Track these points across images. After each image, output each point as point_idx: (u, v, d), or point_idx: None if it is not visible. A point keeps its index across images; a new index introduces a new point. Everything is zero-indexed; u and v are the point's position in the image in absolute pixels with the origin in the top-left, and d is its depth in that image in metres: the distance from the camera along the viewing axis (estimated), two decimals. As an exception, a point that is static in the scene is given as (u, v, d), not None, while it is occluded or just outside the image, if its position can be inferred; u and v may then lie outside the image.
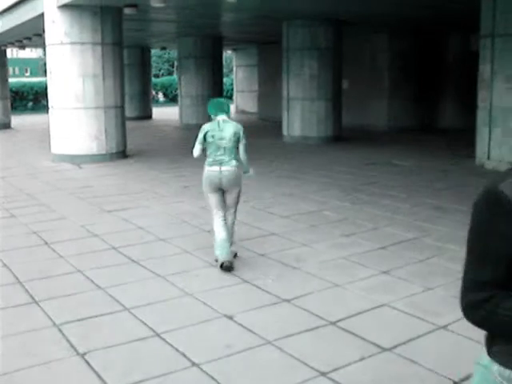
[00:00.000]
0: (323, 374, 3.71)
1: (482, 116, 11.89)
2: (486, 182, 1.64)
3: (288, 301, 4.91)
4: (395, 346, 4.04)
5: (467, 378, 3.64)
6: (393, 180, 10.47)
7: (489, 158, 11.63)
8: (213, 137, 5.70)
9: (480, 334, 4.30)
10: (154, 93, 34.73)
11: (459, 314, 4.75)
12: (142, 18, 15.64)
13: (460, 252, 6.12)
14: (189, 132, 20.51)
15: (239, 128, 5.81)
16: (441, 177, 10.80)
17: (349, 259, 6.02)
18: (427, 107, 20.00)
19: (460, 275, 5.63)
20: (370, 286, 5.25)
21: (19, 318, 4.67)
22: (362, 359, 3.89)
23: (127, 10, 13.11)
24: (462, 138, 15.12)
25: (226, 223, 5.81)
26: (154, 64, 37.74)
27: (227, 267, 5.59)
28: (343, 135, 16.85)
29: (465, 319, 1.67)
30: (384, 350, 4.01)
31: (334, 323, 4.45)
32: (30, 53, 67.29)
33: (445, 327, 4.34)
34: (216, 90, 22.02)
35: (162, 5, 12.02)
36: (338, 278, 5.46)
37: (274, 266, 5.85)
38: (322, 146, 15.64)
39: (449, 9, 13.88)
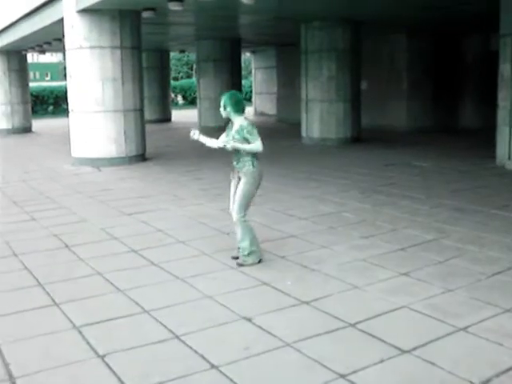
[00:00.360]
0: (342, 376, 3.70)
1: (502, 115, 11.79)
2: (506, 182, 1.64)
3: (307, 303, 4.90)
4: (415, 348, 4.02)
5: (488, 380, 3.61)
6: (412, 181, 10.42)
7: (509, 158, 11.52)
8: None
9: (500, 336, 4.28)
10: (173, 95, 34.87)
11: (480, 315, 4.74)
12: (160, 22, 15.70)
13: (480, 253, 6.12)
14: (208, 134, 20.54)
15: None
16: (460, 178, 10.72)
17: (368, 261, 6.00)
18: (447, 107, 19.87)
19: (480, 276, 5.61)
20: (389, 287, 5.23)
21: (40, 320, 4.71)
22: (381, 361, 3.87)
23: (145, 14, 13.18)
24: (482, 138, 15.01)
25: None
26: (172, 67, 37.88)
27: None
28: (362, 136, 16.80)
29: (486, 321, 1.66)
30: (403, 352, 3.99)
31: (353, 325, 4.44)
32: (50, 57, 67.91)
33: (465, 329, 4.31)
34: (235, 92, 22.04)
35: (179, 8, 12.07)
36: (357, 279, 5.44)
37: (294, 268, 5.84)
38: (341, 147, 15.60)
39: (467, 10, 13.81)
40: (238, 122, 5.75)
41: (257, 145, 5.67)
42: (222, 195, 9.55)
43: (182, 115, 29.35)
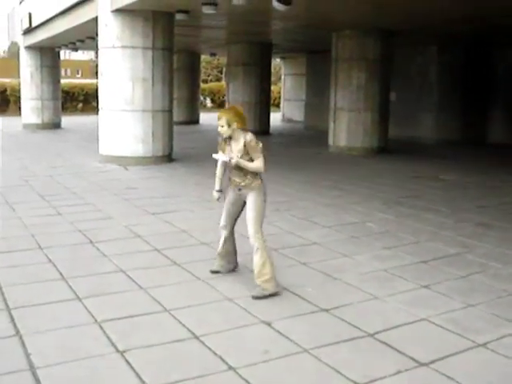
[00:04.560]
0: (359, 384, 3.71)
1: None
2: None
3: (327, 310, 4.91)
4: (432, 362, 4.01)
5: (505, 397, 3.60)
6: (437, 195, 10.36)
7: (537, 176, 11.42)
8: None
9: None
10: (201, 98, 35.04)
11: (500, 332, 4.71)
12: (193, 24, 15.82)
13: (503, 269, 6.08)
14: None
15: None
16: (487, 193, 10.64)
17: (389, 272, 5.99)
18: (476, 121, 19.72)
19: (502, 293, 5.55)
20: (409, 299, 5.22)
21: (62, 313, 4.77)
22: (398, 372, 3.87)
23: (179, 16, 13.29)
24: (511, 155, 14.88)
25: None
26: (202, 69, 38.07)
27: None
28: (389, 147, 16.74)
29: (506, 338, 1.67)
30: (421, 364, 3.98)
31: (371, 335, 4.44)
32: (81, 55, 68.60)
33: (484, 345, 4.29)
34: (263, 97, 22.11)
35: (213, 11, 12.15)
36: (378, 290, 5.43)
37: (315, 276, 5.85)
38: (368, 157, 15.57)
39: (499, 23, 13.72)
40: (242, 136, 5.32)
41: (259, 164, 5.25)
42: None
43: (209, 118, 29.46)
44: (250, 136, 5.29)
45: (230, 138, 5.39)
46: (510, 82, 19.08)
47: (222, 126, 5.32)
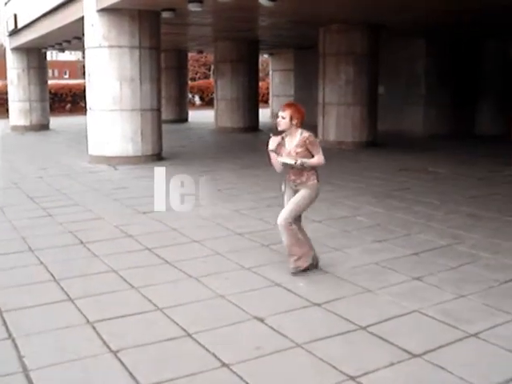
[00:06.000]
0: (352, 378, 3.72)
1: (519, 123, 11.75)
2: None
3: (319, 305, 4.92)
4: (425, 353, 4.03)
5: (497, 386, 3.62)
6: (427, 187, 10.39)
7: (526, 166, 11.48)
8: None
9: (511, 343, 4.28)
10: (190, 96, 34.99)
11: (491, 322, 4.74)
12: (179, 22, 15.78)
13: (494, 260, 6.11)
14: (224, 135, 20.68)
15: None
16: (477, 184, 10.69)
17: (381, 265, 6.01)
18: (464, 114, 19.78)
19: (493, 283, 5.60)
20: (401, 291, 5.24)
21: (54, 315, 4.76)
22: (391, 364, 3.89)
23: (165, 14, 13.26)
24: (500, 146, 14.94)
25: None
26: (190, 67, 38.02)
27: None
28: (379, 141, 16.78)
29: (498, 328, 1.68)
30: (414, 356, 4.00)
31: (364, 328, 4.45)
32: (68, 55, 68.31)
33: (476, 335, 4.31)
34: (252, 93, 22.10)
35: (199, 9, 12.13)
36: (370, 283, 5.45)
37: (306, 270, 5.86)
38: (357, 151, 15.59)
39: (488, 15, 13.76)
40: (299, 134, 5.47)
41: (320, 158, 5.48)
42: (237, 196, 9.62)
43: (198, 116, 29.44)
44: (307, 132, 5.46)
45: (284, 134, 5.52)
46: (498, 74, 19.16)
47: (284, 118, 5.44)
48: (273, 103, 30.58)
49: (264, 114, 26.98)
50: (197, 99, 39.68)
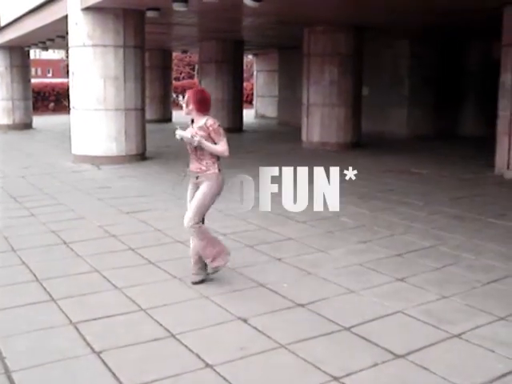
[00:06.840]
0: (336, 378, 3.72)
1: (502, 125, 11.83)
2: (504, 191, 1.66)
3: (302, 305, 4.93)
4: (408, 353, 4.05)
5: (480, 386, 3.64)
6: (410, 188, 10.44)
7: (508, 167, 11.56)
8: None
9: (494, 344, 4.30)
10: (174, 96, 34.90)
11: (474, 322, 4.76)
12: (164, 22, 15.73)
13: (476, 261, 6.15)
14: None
15: None
16: (459, 185, 10.75)
17: (364, 265, 6.03)
18: (448, 115, 19.86)
19: (476, 284, 5.60)
20: (384, 292, 5.25)
21: (37, 316, 4.72)
22: (374, 365, 3.90)
23: (150, 14, 13.22)
24: (482, 147, 15.03)
25: None
26: (174, 67, 37.90)
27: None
28: (362, 142, 16.83)
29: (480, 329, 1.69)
30: (397, 356, 4.01)
31: (348, 329, 4.46)
32: (52, 54, 67.89)
33: (459, 336, 4.33)
34: (236, 94, 22.09)
35: (184, 9, 12.09)
36: (353, 284, 5.46)
37: (290, 271, 5.87)
38: (341, 152, 15.61)
39: (471, 17, 13.84)
40: (203, 119, 5.38)
41: (223, 147, 5.33)
42: (221, 196, 9.58)
43: (182, 116, 29.31)
44: (211, 120, 5.33)
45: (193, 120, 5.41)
46: (481, 76, 19.27)
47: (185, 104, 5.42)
48: (257, 104, 30.58)
49: (248, 115, 26.97)
50: (181, 99, 39.55)
